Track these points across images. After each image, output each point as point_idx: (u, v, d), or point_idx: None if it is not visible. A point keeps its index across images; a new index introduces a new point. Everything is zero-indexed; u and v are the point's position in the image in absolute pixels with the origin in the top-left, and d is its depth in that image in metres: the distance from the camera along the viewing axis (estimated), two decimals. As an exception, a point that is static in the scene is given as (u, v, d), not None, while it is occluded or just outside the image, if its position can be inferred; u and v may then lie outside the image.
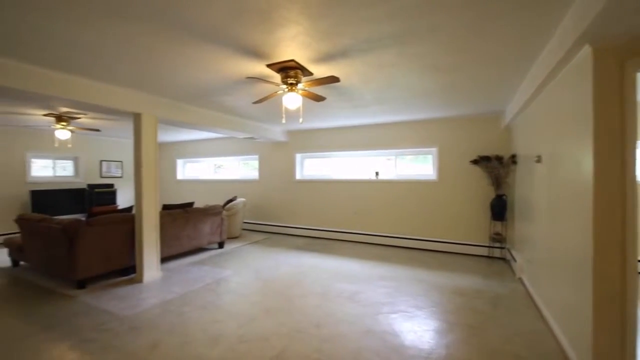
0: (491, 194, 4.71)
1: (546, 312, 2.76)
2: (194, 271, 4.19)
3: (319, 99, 3.23)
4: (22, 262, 4.44)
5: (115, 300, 3.24)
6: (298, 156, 6.60)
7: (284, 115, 4.15)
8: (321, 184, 6.30)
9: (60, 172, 7.13)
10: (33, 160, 6.58)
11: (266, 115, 5.03)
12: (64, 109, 4.65)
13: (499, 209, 4.44)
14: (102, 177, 7.74)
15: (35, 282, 3.80)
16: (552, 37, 2.25)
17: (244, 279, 3.92)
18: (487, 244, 4.81)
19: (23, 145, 6.33)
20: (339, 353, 2.32)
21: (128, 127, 6.04)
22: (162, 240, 4.21)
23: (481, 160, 4.64)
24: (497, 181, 4.48)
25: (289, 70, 2.79)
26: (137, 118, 3.82)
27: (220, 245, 5.37)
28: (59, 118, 5.05)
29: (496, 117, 4.78)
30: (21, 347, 2.41)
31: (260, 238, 6.22)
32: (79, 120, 5.30)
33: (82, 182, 7.29)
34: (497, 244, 4.70)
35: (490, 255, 4.79)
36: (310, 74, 2.93)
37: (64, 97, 3.12)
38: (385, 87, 3.45)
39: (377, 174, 5.74)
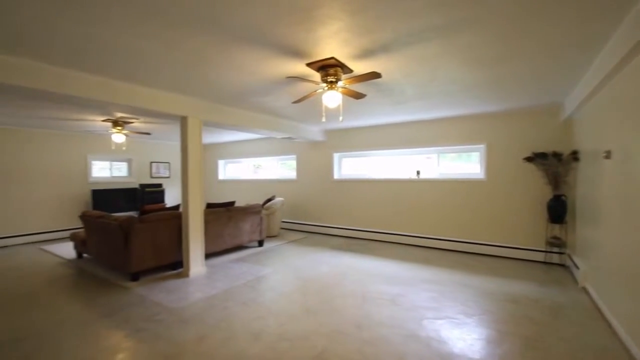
0: (548, 194, 4.31)
1: (619, 327, 2.45)
2: (236, 268, 4.31)
3: (359, 96, 3.16)
4: (85, 255, 4.86)
5: (164, 293, 3.42)
6: (336, 155, 6.56)
7: (324, 114, 4.13)
8: (359, 183, 6.20)
9: (116, 173, 7.75)
10: (93, 162, 7.21)
11: (304, 115, 5.05)
12: (119, 114, 5.02)
13: (558, 210, 4.05)
14: (152, 177, 8.29)
15: (95, 273, 4.14)
16: (626, 15, 1.98)
17: (284, 277, 3.95)
18: (543, 249, 4.41)
19: (85, 148, 6.96)
20: (381, 356, 2.24)
21: (175, 130, 6.40)
22: (206, 238, 4.38)
23: (536, 158, 4.26)
24: (555, 180, 4.09)
25: (329, 68, 2.75)
26: (183, 121, 4.02)
27: (260, 243, 5.49)
28: (115, 123, 5.48)
29: (553, 110, 4.37)
30: (85, 332, 2.62)
31: (298, 237, 6.27)
32: (132, 124, 5.71)
33: (134, 182, 7.86)
34: (555, 249, 4.28)
35: (547, 260, 4.39)
36: (350, 71, 2.87)
37: (119, 103, 3.35)
38: (428, 81, 3.29)
39: (418, 173, 5.52)
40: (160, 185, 7.96)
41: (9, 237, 5.84)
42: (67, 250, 5.29)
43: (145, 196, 7.53)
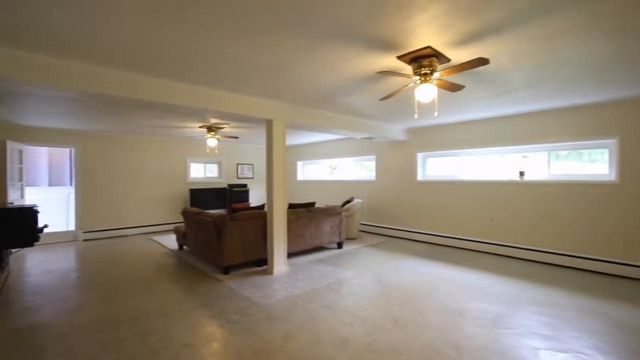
0: None
1: None
2: (317, 269, 4.30)
3: (456, 88, 2.83)
4: (185, 247, 5.43)
5: (252, 289, 3.58)
6: (419, 155, 6.13)
7: (416, 110, 3.83)
8: (447, 185, 5.68)
9: (209, 174, 8.60)
10: (191, 164, 8.12)
11: (387, 114, 4.83)
12: (213, 120, 5.51)
13: None
14: (238, 178, 8.98)
15: (193, 264, 4.57)
16: None
17: (366, 282, 3.80)
18: None
19: (185, 152, 7.88)
20: (491, 390, 1.92)
21: (257, 133, 6.81)
22: (287, 237, 4.47)
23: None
24: None
25: (423, 59, 2.51)
26: (269, 124, 4.18)
27: (339, 245, 5.43)
28: (209, 128, 6.04)
29: None
30: (188, 318, 2.87)
31: (377, 241, 6.04)
32: (223, 129, 6.23)
33: (223, 182, 8.61)
34: None
35: None
36: (447, 60, 2.58)
37: (215, 109, 3.64)
38: (543, 65, 2.77)
39: (521, 174, 4.79)
40: (245, 185, 8.56)
41: (127, 227, 6.91)
42: (171, 241, 6.01)
43: (233, 195, 8.16)
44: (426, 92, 2.59)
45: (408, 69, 2.71)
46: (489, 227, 5.11)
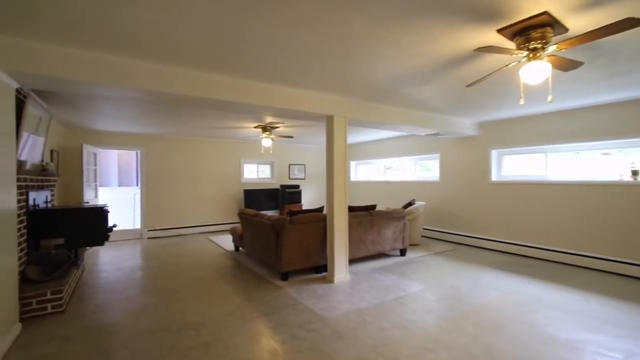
0: None
1: None
2: (381, 279, 3.91)
3: (572, 65, 2.26)
4: (240, 248, 5.36)
5: (314, 299, 3.30)
6: (494, 153, 5.41)
7: (522, 95, 3.21)
8: (529, 187, 4.91)
9: (261, 175, 8.60)
10: (245, 165, 8.17)
11: (459, 106, 4.29)
12: (269, 120, 5.37)
13: None
14: (290, 179, 8.87)
15: (250, 267, 4.44)
16: None
17: (440, 297, 3.32)
18: None
19: (239, 153, 7.95)
20: None
21: (312, 133, 6.60)
22: (348, 242, 4.14)
23: None
24: None
25: (533, 31, 2.02)
26: (329, 120, 3.89)
27: (402, 252, 4.96)
28: (264, 128, 5.94)
29: None
30: (251, 329, 2.67)
31: (444, 248, 5.45)
32: (277, 129, 6.10)
33: (276, 183, 8.56)
34: None
35: None
36: (564, 30, 2.06)
37: (274, 106, 3.43)
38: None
39: (635, 173, 3.91)
40: (298, 186, 8.41)
41: (185, 227, 7.11)
42: (227, 242, 6.01)
43: (286, 196, 8.06)
44: (537, 71, 2.09)
45: (509, 44, 2.22)
46: (586, 237, 4.27)
